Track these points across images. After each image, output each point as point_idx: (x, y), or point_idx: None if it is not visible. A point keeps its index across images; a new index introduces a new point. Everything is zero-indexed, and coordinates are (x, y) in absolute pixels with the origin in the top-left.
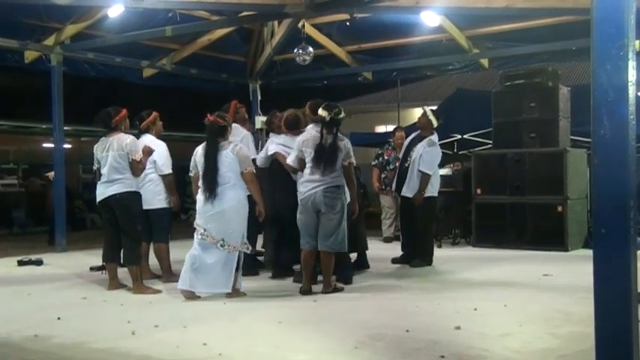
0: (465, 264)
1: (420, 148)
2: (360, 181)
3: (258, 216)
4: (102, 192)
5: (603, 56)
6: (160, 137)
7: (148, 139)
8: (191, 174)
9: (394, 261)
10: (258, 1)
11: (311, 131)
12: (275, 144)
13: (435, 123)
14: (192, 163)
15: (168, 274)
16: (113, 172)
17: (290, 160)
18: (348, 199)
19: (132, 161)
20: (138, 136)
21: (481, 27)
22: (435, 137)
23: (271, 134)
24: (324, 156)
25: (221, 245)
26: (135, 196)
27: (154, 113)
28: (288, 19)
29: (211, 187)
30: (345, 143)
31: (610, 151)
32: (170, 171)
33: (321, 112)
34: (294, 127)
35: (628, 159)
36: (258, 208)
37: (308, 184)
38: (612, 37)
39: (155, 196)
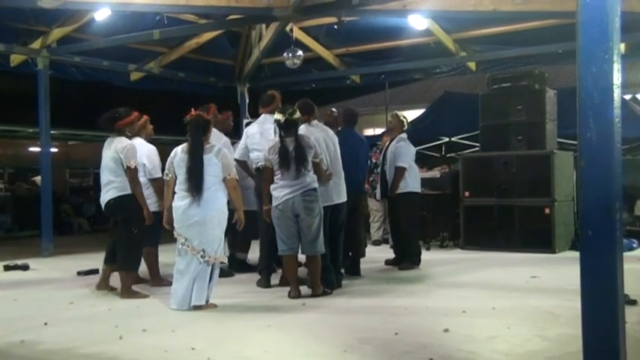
0: (454, 266)
1: (391, 147)
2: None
3: (236, 224)
4: (102, 198)
5: (589, 59)
6: (148, 141)
7: (138, 143)
8: (166, 177)
9: (387, 262)
10: (246, 4)
11: (276, 138)
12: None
13: (403, 124)
14: (167, 165)
15: (157, 279)
16: (108, 174)
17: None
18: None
19: (127, 168)
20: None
21: (468, 30)
22: (403, 135)
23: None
24: (290, 158)
25: (201, 257)
26: (129, 199)
27: (144, 116)
28: (276, 22)
29: (197, 188)
30: (312, 141)
31: (596, 153)
32: (160, 175)
33: (275, 116)
34: (268, 104)
35: (614, 161)
36: (237, 214)
37: (283, 189)
38: (597, 41)
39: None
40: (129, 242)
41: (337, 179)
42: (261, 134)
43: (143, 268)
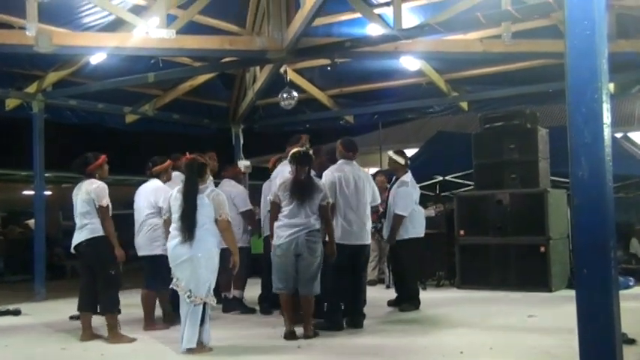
0: (450, 306)
1: (392, 190)
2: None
3: (231, 267)
4: (74, 239)
5: (578, 100)
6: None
7: (155, 186)
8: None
9: (389, 303)
10: (240, 47)
11: (287, 174)
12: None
13: (401, 161)
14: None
15: (149, 324)
16: (81, 217)
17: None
18: None
19: (99, 207)
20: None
21: (460, 71)
22: (406, 177)
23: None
24: (301, 191)
25: (188, 297)
26: (103, 241)
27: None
28: (270, 64)
29: (189, 229)
30: (322, 183)
31: (588, 191)
32: None
33: (293, 150)
34: (295, 143)
35: (606, 199)
36: (232, 258)
37: (288, 229)
38: (586, 82)
39: (152, 242)
40: (109, 284)
41: (366, 220)
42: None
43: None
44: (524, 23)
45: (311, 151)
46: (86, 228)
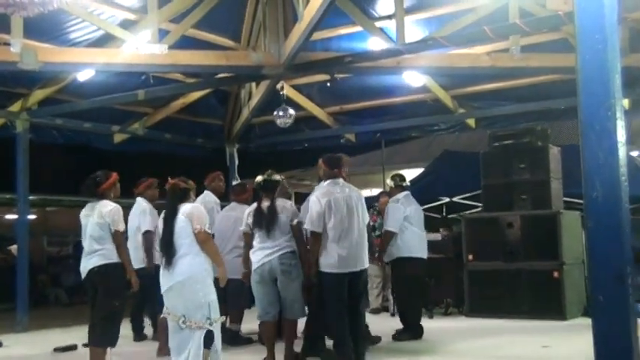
0: (459, 336)
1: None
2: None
3: (220, 283)
4: (84, 266)
5: (591, 117)
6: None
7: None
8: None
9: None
10: (235, 62)
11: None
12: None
13: (390, 183)
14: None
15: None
16: (92, 242)
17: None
18: None
19: (114, 232)
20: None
21: (467, 86)
22: (399, 195)
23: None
24: (264, 219)
25: (182, 322)
26: (114, 268)
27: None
28: (267, 80)
29: (168, 254)
30: (291, 204)
31: (603, 214)
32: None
33: (257, 178)
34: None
35: (623, 222)
36: (219, 271)
37: (261, 252)
38: (599, 98)
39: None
40: (109, 316)
41: (363, 241)
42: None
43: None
44: (534, 36)
45: (276, 176)
46: (98, 254)
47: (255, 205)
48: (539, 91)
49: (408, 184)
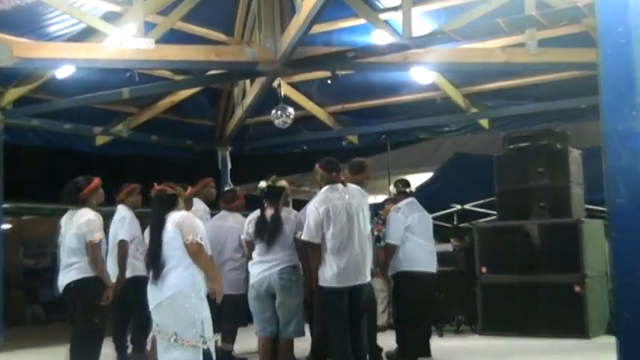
0: (471, 356)
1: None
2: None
3: (213, 298)
4: (61, 281)
5: (614, 117)
6: None
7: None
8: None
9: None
10: (228, 58)
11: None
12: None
13: (392, 190)
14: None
15: None
16: (69, 254)
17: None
18: None
19: (88, 243)
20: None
21: (480, 84)
22: (401, 202)
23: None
24: (267, 230)
25: (174, 340)
26: (92, 282)
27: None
28: (262, 77)
29: (156, 267)
30: (295, 215)
31: (628, 222)
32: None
33: (260, 184)
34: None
35: None
36: (212, 287)
37: (260, 266)
38: (623, 96)
39: None
40: (87, 334)
41: (365, 251)
42: None
43: None
44: (551, 30)
45: (281, 182)
46: (75, 267)
47: (257, 212)
48: (557, 89)
49: (413, 190)
